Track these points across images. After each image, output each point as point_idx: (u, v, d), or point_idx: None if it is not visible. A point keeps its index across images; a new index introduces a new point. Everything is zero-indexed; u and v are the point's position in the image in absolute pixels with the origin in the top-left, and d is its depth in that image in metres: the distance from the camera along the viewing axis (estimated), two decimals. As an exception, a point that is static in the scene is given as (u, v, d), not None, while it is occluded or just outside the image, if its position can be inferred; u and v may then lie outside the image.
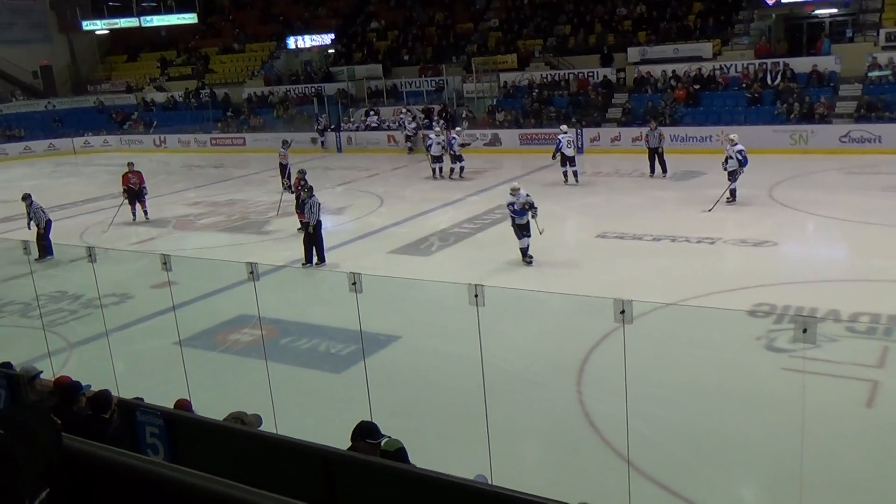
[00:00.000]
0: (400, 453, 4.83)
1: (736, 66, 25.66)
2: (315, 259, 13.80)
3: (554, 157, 20.18)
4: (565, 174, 20.04)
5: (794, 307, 10.09)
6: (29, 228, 15.42)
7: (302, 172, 15.72)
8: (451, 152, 21.68)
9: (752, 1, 27.31)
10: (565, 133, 20.16)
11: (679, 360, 9.00)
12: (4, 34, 38.61)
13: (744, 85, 24.91)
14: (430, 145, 22.01)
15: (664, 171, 19.83)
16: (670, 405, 7.91)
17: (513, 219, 13.08)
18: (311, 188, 14.42)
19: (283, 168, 21.70)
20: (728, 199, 16.49)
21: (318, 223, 13.88)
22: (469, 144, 23.01)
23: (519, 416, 7.87)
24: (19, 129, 35.61)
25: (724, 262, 12.75)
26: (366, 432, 5.03)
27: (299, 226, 14.72)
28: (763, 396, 8.02)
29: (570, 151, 19.91)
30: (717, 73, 25.76)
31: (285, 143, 22.31)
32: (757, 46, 25.94)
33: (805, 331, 4.77)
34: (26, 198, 15.66)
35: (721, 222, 14.94)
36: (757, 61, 25.30)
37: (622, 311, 5.26)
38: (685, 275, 12.11)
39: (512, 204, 12.96)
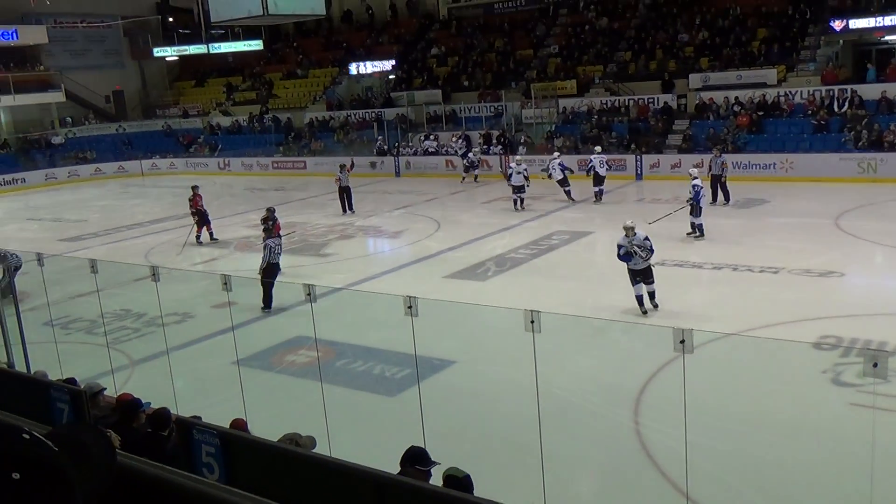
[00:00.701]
0: (465, 480, 4.76)
1: (801, 92, 25.15)
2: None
3: (589, 173, 21.31)
4: (596, 194, 21.15)
5: (862, 340, 9.75)
6: None
7: (270, 210, 15.19)
8: (561, 175, 21.62)
9: (818, 27, 26.82)
10: (599, 154, 21.46)
11: (741, 392, 8.76)
12: (80, 60, 40.16)
13: (809, 112, 24.39)
14: (511, 175, 21.05)
15: (727, 198, 19.47)
16: (731, 438, 7.69)
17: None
18: (269, 229, 13.74)
19: (343, 192, 21.94)
20: (695, 235, 15.95)
21: (270, 266, 13.00)
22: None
23: (574, 446, 7.75)
24: (91, 151, 36.86)
25: (787, 293, 12.40)
26: (415, 458, 4.98)
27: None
28: (829, 432, 7.74)
29: (602, 171, 21.16)
30: (782, 99, 25.28)
31: (343, 168, 22.39)
32: (823, 73, 25.39)
33: (876, 365, 4.59)
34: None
35: (785, 252, 14.57)
36: (823, 88, 24.75)
37: (682, 341, 5.15)
38: (747, 304, 11.82)
39: (620, 247, 11.33)
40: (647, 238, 11.41)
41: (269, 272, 12.97)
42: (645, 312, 11.35)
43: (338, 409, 7.96)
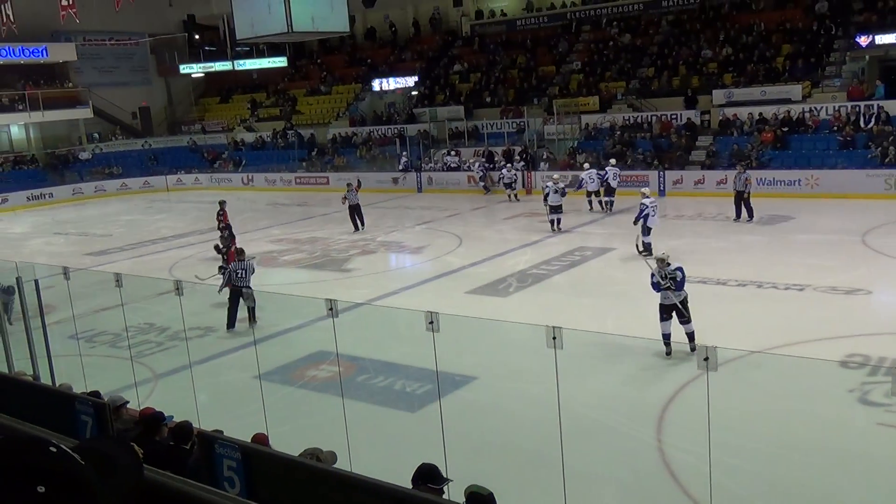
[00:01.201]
0: (489, 499, 4.71)
1: (827, 108, 24.95)
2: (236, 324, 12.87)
3: (603, 183, 22.31)
4: (606, 203, 22.24)
5: (890, 359, 9.61)
6: None
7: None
8: (598, 187, 22.32)
9: (844, 42, 26.64)
10: (613, 167, 22.61)
11: (766, 411, 8.65)
12: (108, 77, 40.74)
13: (835, 128, 24.18)
14: (548, 194, 19.83)
15: (750, 215, 19.31)
16: (756, 458, 7.59)
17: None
18: (224, 255, 13.61)
19: (353, 210, 21.69)
20: (644, 253, 15.66)
21: (235, 289, 12.80)
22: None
23: (596, 464, 7.68)
24: (117, 166, 37.33)
25: (813, 310, 12.26)
26: (427, 476, 4.91)
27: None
28: (856, 453, 7.61)
29: (615, 183, 22.28)
30: (807, 115, 25.09)
31: (350, 186, 21.99)
32: (849, 89, 25.19)
33: (903, 385, 4.52)
34: None
35: (810, 269, 14.42)
36: (849, 104, 24.54)
37: (706, 358, 5.10)
38: (772, 322, 11.69)
39: (653, 275, 10.52)
40: (678, 268, 10.48)
41: (235, 295, 12.75)
42: (669, 354, 10.27)
43: (359, 424, 7.96)
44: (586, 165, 23.35)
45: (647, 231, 16.20)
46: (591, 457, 7.67)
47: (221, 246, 15.36)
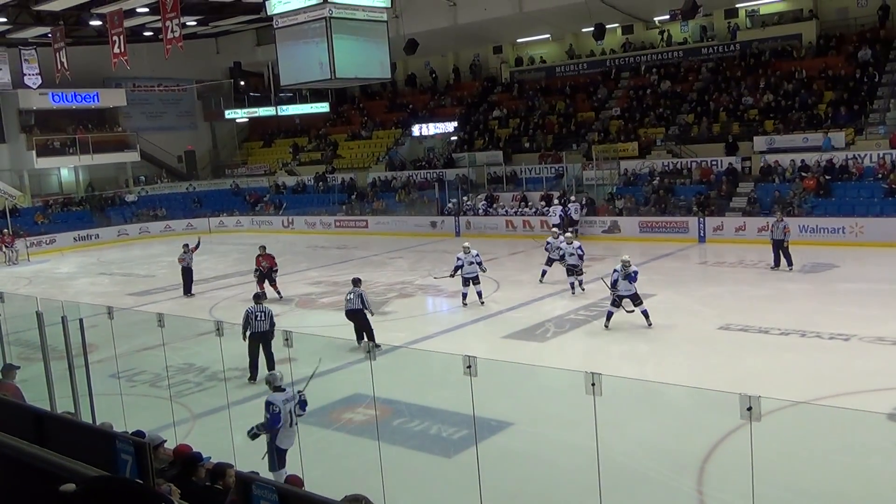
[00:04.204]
0: None
1: (871, 155, 24.63)
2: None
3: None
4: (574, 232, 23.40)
5: (942, 413, 9.31)
6: None
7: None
8: (559, 220, 23.48)
9: (888, 90, 26.36)
10: (574, 202, 25.71)
11: (811, 464, 8.42)
12: (156, 122, 41.93)
13: (880, 175, 23.83)
14: (616, 281, 14.76)
15: (789, 264, 18.92)
16: (801, 513, 7.37)
17: None
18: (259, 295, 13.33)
19: (185, 273, 20.53)
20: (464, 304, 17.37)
21: (254, 335, 12.56)
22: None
23: (635, 515, 7.52)
24: (162, 208, 38.14)
25: (859, 361, 11.96)
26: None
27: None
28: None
29: (576, 216, 25.00)
30: (851, 162, 24.78)
31: (187, 247, 20.89)
32: (892, 136, 24.86)
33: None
34: None
35: (856, 319, 14.11)
36: (894, 151, 24.20)
37: (749, 408, 5.00)
38: (816, 372, 11.44)
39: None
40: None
41: (254, 340, 12.56)
42: None
43: (394, 468, 7.90)
44: (556, 201, 25.89)
45: (464, 281, 17.38)
46: (630, 507, 7.51)
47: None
